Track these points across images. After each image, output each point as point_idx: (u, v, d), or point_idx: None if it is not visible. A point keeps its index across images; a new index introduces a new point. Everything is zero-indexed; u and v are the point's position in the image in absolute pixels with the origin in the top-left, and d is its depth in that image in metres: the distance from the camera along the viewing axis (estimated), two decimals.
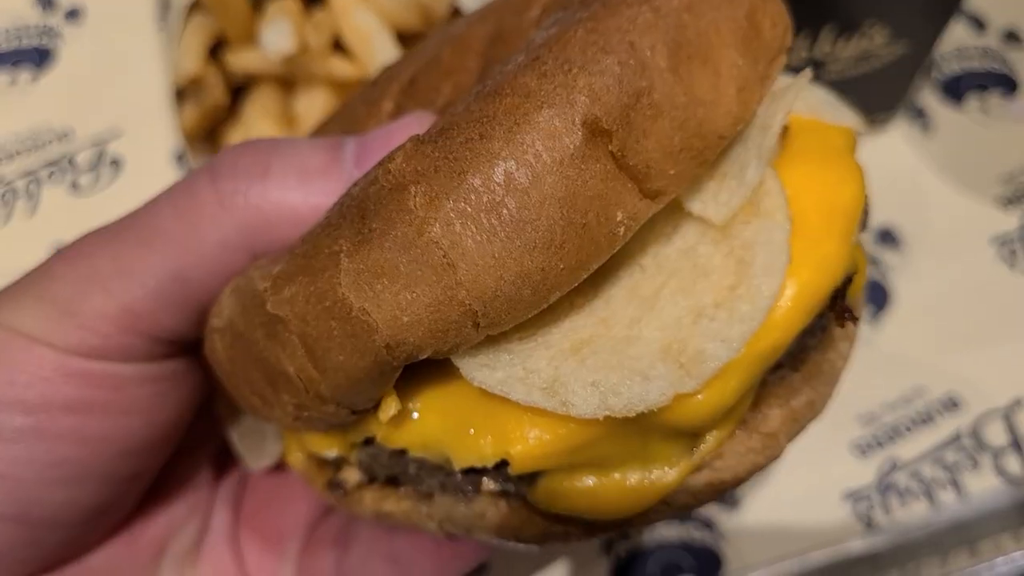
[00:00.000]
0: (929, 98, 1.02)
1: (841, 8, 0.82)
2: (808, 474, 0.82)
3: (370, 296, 0.40)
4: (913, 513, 0.79)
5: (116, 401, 0.50)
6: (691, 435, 0.47)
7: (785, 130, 0.49)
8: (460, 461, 0.47)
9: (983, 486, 0.80)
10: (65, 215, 0.99)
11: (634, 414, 0.42)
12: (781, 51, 0.46)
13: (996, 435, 0.83)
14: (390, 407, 0.46)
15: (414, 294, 0.40)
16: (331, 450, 0.52)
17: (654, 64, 0.40)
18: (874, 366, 0.86)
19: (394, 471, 0.52)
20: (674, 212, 0.47)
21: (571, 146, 0.39)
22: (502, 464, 0.46)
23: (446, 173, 0.39)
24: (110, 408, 0.50)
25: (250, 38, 0.88)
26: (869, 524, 0.79)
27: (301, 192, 0.48)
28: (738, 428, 0.49)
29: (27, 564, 0.51)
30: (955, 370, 0.86)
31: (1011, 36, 1.05)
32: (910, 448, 0.83)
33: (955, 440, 0.83)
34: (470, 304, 0.39)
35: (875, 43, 0.86)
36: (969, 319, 0.89)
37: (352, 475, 0.54)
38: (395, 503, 0.53)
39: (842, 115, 0.53)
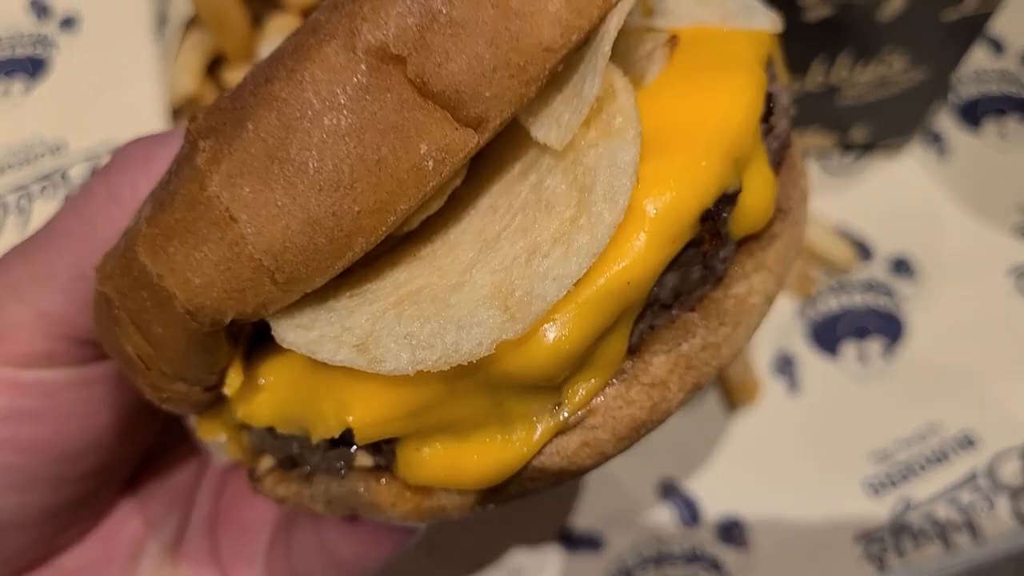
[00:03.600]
0: (945, 122, 1.00)
1: (859, 34, 0.80)
2: (820, 513, 0.80)
3: (163, 260, 0.39)
4: (927, 556, 0.77)
5: (49, 408, 0.50)
6: (551, 390, 0.43)
7: (675, 40, 0.45)
8: (315, 434, 0.44)
9: (999, 529, 0.78)
10: None
11: (449, 367, 0.38)
12: None
13: (1013, 475, 0.80)
14: (233, 380, 0.44)
15: (202, 253, 0.38)
16: (219, 435, 0.51)
17: None
18: (887, 401, 0.84)
19: (283, 452, 0.49)
20: (532, 145, 0.43)
21: (354, 78, 0.36)
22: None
23: (232, 124, 0.37)
24: (43, 415, 0.50)
25: (249, 56, 0.86)
26: (882, 567, 0.77)
27: None
28: (615, 379, 0.44)
29: None
30: (971, 406, 0.84)
31: None
32: (924, 487, 0.80)
33: (971, 480, 0.80)
34: (260, 259, 0.37)
35: (894, 69, 0.84)
36: (985, 353, 0.86)
37: (266, 461, 0.52)
38: (287, 487, 0.51)
39: (757, 19, 0.48)
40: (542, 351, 0.39)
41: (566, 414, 0.43)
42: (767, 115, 0.46)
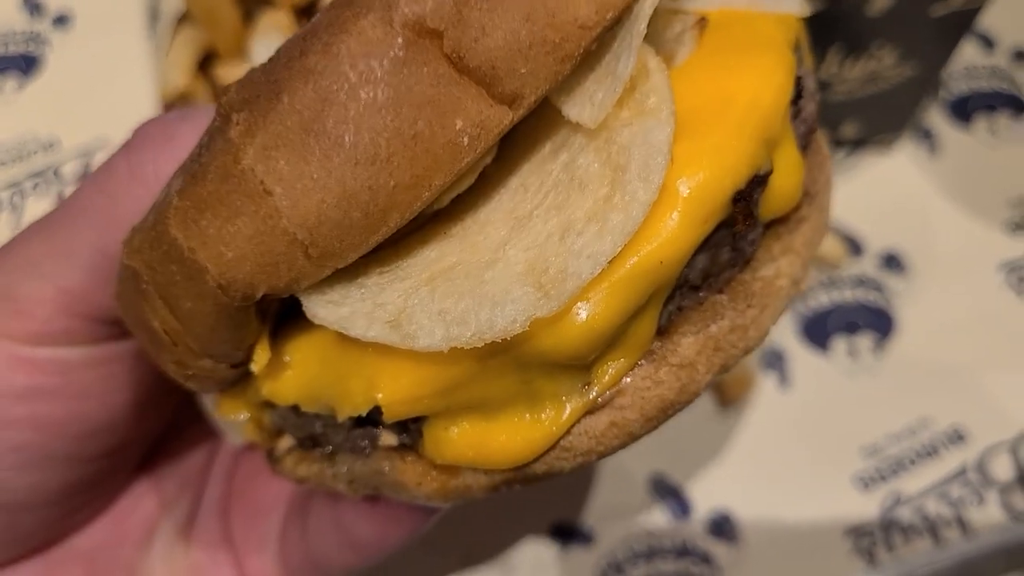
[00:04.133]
0: (936, 119, 1.00)
1: (849, 29, 0.80)
2: (810, 507, 0.80)
3: (195, 233, 0.38)
4: (917, 551, 0.77)
5: (66, 386, 0.50)
6: (580, 369, 0.43)
7: (703, 22, 0.45)
8: (341, 412, 0.44)
9: (989, 523, 0.78)
10: None
11: (483, 344, 0.38)
12: None
13: (1003, 469, 0.81)
14: (261, 356, 0.44)
15: (236, 227, 0.38)
16: (241, 413, 0.50)
17: None
18: (878, 396, 0.85)
19: (306, 431, 0.49)
20: (563, 124, 0.43)
21: (391, 51, 0.36)
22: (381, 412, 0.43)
23: (266, 96, 0.37)
24: (60, 393, 0.50)
25: (240, 52, 0.86)
26: (871, 561, 0.77)
27: None
28: (644, 360, 0.44)
29: (7, 548, 0.52)
30: (961, 401, 0.84)
31: (1020, 55, 1.03)
32: (914, 482, 0.81)
33: (960, 474, 0.81)
34: (294, 232, 0.37)
35: (883, 64, 0.84)
36: (976, 348, 0.86)
37: (285, 441, 0.52)
38: (307, 467, 0.51)
39: (784, 2, 0.48)
40: (575, 329, 0.39)
41: (595, 394, 0.43)
42: (795, 98, 0.46)
